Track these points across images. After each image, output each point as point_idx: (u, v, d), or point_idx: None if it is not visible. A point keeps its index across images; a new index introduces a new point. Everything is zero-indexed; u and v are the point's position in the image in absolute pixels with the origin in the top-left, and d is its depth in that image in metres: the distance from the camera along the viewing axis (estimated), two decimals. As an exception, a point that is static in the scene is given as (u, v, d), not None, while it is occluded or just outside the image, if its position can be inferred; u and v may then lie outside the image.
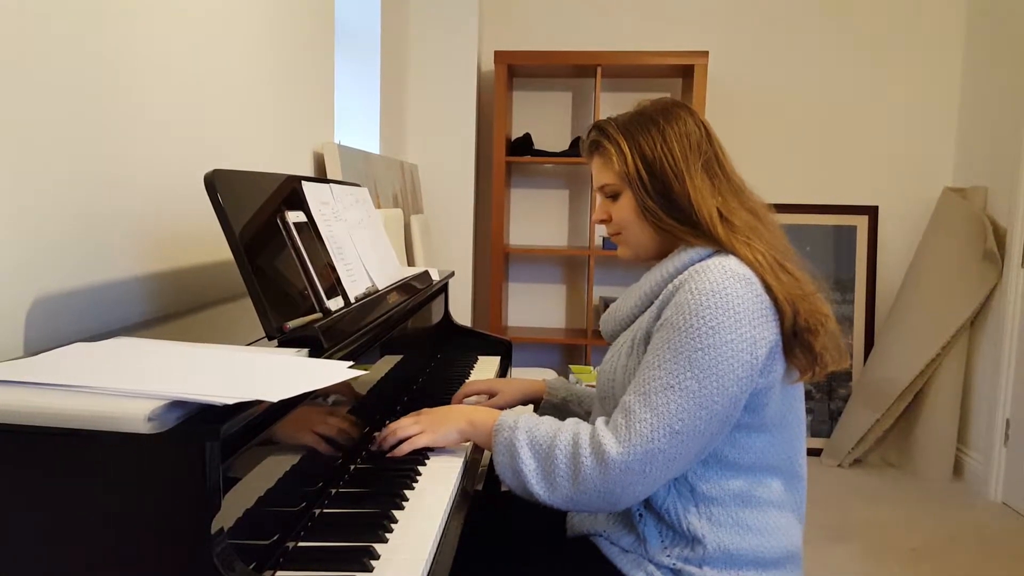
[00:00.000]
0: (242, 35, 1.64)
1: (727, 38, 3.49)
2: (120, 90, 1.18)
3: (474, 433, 1.21)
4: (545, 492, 1.10)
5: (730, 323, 1.04)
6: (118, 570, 0.70)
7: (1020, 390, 2.92)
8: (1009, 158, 3.00)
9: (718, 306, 1.05)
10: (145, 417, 0.66)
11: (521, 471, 1.11)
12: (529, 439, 1.12)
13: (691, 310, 1.06)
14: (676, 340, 1.06)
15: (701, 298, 1.06)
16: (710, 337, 1.04)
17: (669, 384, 1.05)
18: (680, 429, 1.04)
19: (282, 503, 0.89)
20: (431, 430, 1.21)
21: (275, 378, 0.78)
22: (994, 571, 2.43)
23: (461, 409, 1.26)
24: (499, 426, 1.15)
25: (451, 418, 1.23)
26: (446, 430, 1.21)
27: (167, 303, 1.28)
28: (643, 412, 1.05)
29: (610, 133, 1.21)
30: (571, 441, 1.09)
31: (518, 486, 1.13)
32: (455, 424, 1.21)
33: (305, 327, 1.01)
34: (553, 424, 1.14)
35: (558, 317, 3.79)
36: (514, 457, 1.12)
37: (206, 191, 0.99)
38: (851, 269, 3.48)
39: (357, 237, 1.43)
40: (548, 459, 1.10)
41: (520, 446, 1.12)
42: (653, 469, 1.05)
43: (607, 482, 1.06)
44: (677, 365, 1.05)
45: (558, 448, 1.09)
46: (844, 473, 3.26)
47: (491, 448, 1.16)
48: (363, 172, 2.36)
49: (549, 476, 1.09)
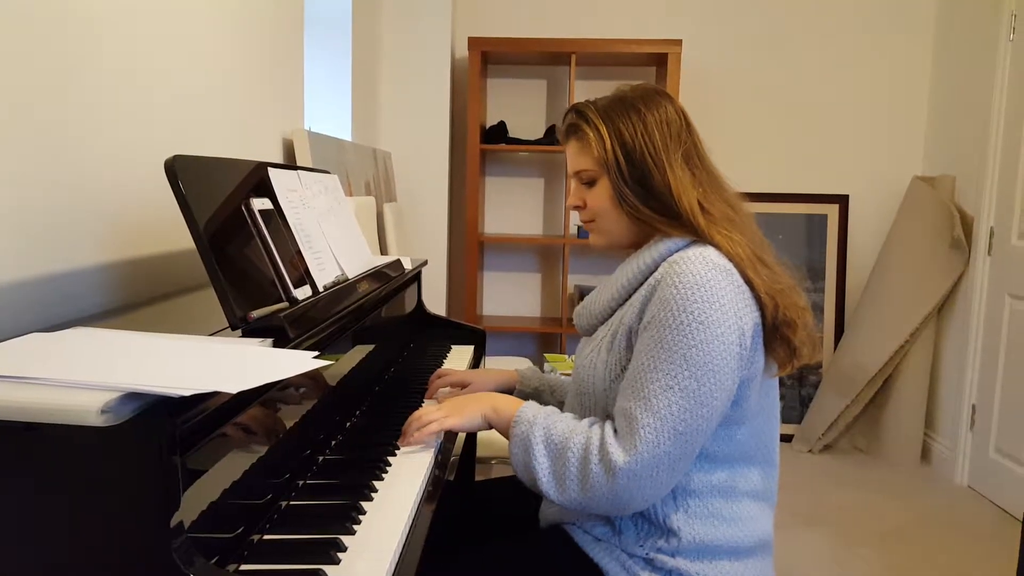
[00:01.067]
0: (207, 20, 1.60)
1: (700, 27, 3.50)
2: (81, 75, 1.14)
3: (497, 420, 1.20)
4: (555, 492, 1.09)
5: (718, 316, 1.04)
6: (73, 567, 0.68)
7: (986, 376, 2.97)
8: (976, 148, 3.04)
9: (704, 299, 1.04)
10: (98, 409, 0.64)
11: (533, 468, 1.10)
12: (545, 436, 1.11)
13: (678, 305, 1.04)
14: (667, 338, 1.04)
15: (686, 292, 1.04)
16: (701, 332, 1.03)
17: (668, 385, 1.03)
18: (684, 430, 1.03)
19: (247, 495, 0.88)
20: (457, 413, 1.21)
21: (236, 369, 0.76)
22: (960, 553, 2.48)
23: (487, 395, 1.27)
24: (518, 419, 1.14)
25: (476, 402, 1.23)
26: (471, 413, 1.21)
27: (130, 293, 1.25)
28: (645, 417, 1.04)
29: (589, 117, 1.19)
30: (583, 445, 1.08)
31: (529, 481, 1.12)
32: (480, 408, 1.21)
33: (270, 317, 0.99)
34: (569, 424, 1.13)
35: (533, 306, 3.79)
36: (528, 453, 1.11)
37: (167, 177, 0.96)
38: (822, 257, 3.51)
39: (326, 225, 1.41)
40: (560, 460, 1.09)
41: (535, 443, 1.11)
42: (660, 473, 1.04)
43: (615, 490, 1.05)
44: (673, 365, 1.04)
45: (571, 451, 1.08)
46: (814, 459, 3.30)
47: (508, 437, 1.16)
48: (334, 159, 2.33)
49: (559, 477, 1.09)
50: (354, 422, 1.32)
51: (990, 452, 2.92)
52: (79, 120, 1.15)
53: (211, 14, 1.62)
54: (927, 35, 3.46)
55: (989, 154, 2.96)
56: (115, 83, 1.25)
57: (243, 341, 0.95)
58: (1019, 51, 2.84)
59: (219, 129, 1.68)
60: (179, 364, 0.76)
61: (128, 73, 1.29)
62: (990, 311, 2.97)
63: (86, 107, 1.16)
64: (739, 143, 3.53)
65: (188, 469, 0.72)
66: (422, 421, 1.21)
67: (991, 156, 2.95)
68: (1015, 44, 2.86)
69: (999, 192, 2.94)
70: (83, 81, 1.16)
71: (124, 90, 1.28)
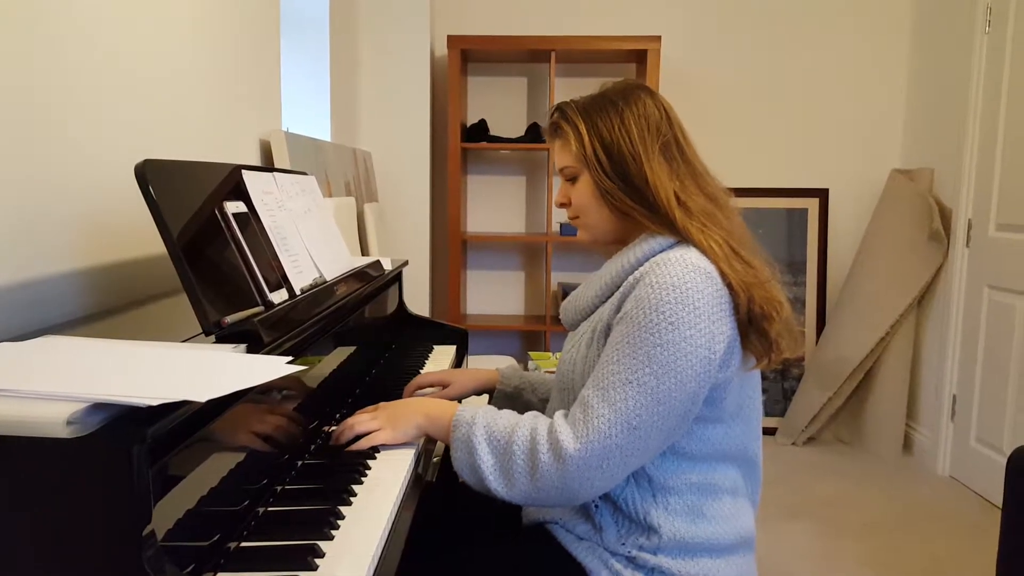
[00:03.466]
0: (180, 19, 1.58)
1: (679, 23, 3.51)
2: (49, 76, 1.12)
3: (432, 427, 1.18)
4: (503, 488, 1.09)
5: (690, 319, 1.04)
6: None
7: (965, 367, 3.00)
8: (954, 141, 3.07)
9: (678, 301, 1.04)
10: (65, 421, 0.63)
11: (479, 467, 1.09)
12: (487, 435, 1.10)
13: (651, 305, 1.05)
14: (635, 335, 1.05)
15: (661, 292, 1.05)
16: (669, 333, 1.03)
17: (627, 379, 1.04)
18: (638, 425, 1.04)
19: (223, 503, 0.87)
20: (390, 426, 1.18)
21: (207, 376, 0.75)
22: (942, 543, 2.50)
23: (419, 403, 1.24)
24: (457, 421, 1.13)
25: (408, 413, 1.20)
26: (404, 426, 1.19)
27: (102, 299, 1.23)
28: (601, 407, 1.04)
29: (569, 115, 1.20)
30: (529, 436, 1.08)
31: (476, 482, 1.11)
32: (412, 419, 1.19)
33: (244, 321, 0.98)
34: (511, 418, 1.12)
35: (517, 304, 3.78)
36: (472, 454, 1.10)
37: (137, 183, 0.95)
38: (803, 251, 3.53)
39: (303, 227, 1.39)
40: (505, 455, 1.08)
41: (478, 442, 1.10)
42: (610, 465, 1.04)
43: (564, 477, 1.05)
44: (636, 360, 1.04)
45: (515, 444, 1.08)
46: (798, 451, 3.32)
47: (449, 443, 1.14)
48: (313, 160, 2.31)
49: (507, 472, 1.08)
50: (334, 426, 1.30)
51: (971, 441, 2.95)
52: (48, 122, 1.13)
53: (184, 13, 1.60)
54: (904, 29, 3.48)
55: (966, 147, 2.99)
56: (85, 84, 1.23)
57: (216, 347, 0.94)
58: (995, 44, 2.87)
59: (194, 131, 1.66)
60: (149, 372, 0.75)
61: (99, 74, 1.27)
62: (969, 302, 3.00)
63: (55, 108, 1.15)
64: (719, 138, 3.54)
65: (160, 479, 0.71)
66: (354, 432, 1.17)
67: (968, 149, 2.98)
68: (991, 37, 2.89)
69: (977, 184, 2.97)
70: (51, 82, 1.14)
71: (94, 91, 1.26)
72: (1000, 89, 2.82)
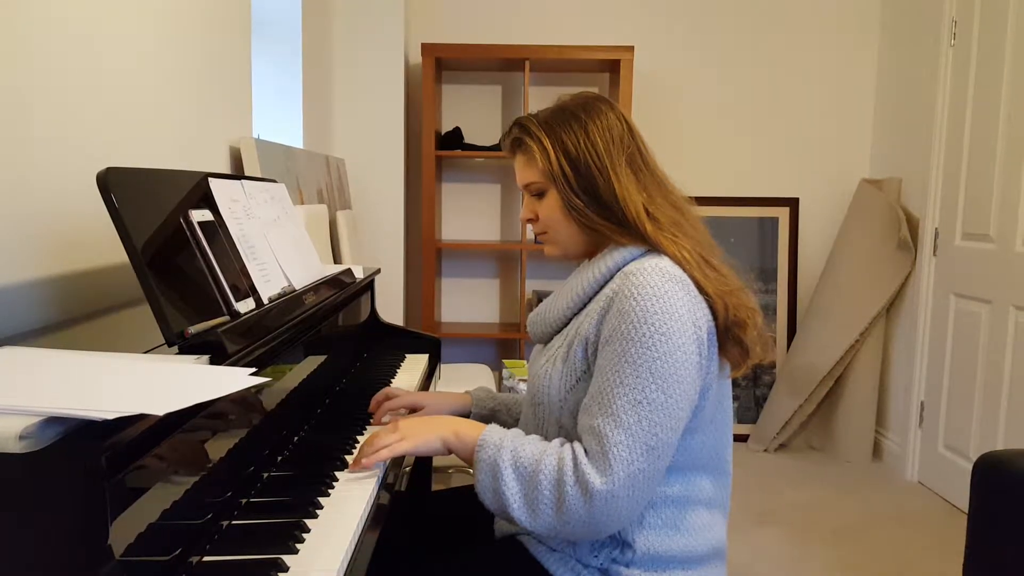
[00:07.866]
0: (147, 25, 1.56)
1: (652, 34, 3.53)
2: (8, 79, 1.10)
3: (459, 445, 1.14)
4: (527, 518, 1.06)
5: (678, 326, 1.04)
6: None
7: (933, 374, 3.05)
8: (921, 151, 3.13)
9: (664, 311, 1.03)
10: (17, 435, 0.61)
11: (503, 493, 1.06)
12: (513, 460, 1.07)
13: (638, 317, 1.04)
14: (631, 352, 1.03)
15: (644, 303, 1.04)
16: (664, 344, 1.02)
17: (636, 400, 1.02)
18: (655, 444, 1.02)
19: (185, 516, 0.85)
20: (412, 436, 1.15)
21: (166, 389, 0.74)
22: (911, 548, 2.53)
23: (448, 419, 1.21)
24: (483, 443, 1.10)
25: (434, 425, 1.17)
26: (428, 437, 1.15)
27: (63, 309, 1.20)
28: (616, 434, 1.02)
29: (532, 130, 1.18)
30: (556, 467, 1.04)
31: (498, 508, 1.08)
32: (439, 432, 1.15)
33: (208, 332, 0.97)
34: (538, 446, 1.09)
35: (491, 312, 3.77)
36: (497, 479, 1.07)
37: (99, 191, 0.93)
38: (774, 259, 3.57)
39: (272, 235, 1.38)
40: (532, 484, 1.05)
41: (504, 467, 1.07)
42: (636, 492, 1.03)
43: (592, 513, 1.02)
44: (639, 379, 1.02)
45: (543, 474, 1.04)
46: (770, 458, 3.35)
47: (472, 463, 1.11)
48: (284, 167, 2.29)
49: (532, 503, 1.05)
50: (302, 436, 1.29)
51: (939, 448, 3.00)
52: (9, 126, 1.10)
53: (151, 15, 1.58)
54: (872, 41, 3.54)
55: (933, 157, 3.04)
56: (46, 87, 1.20)
57: (179, 358, 0.92)
58: (960, 56, 2.92)
59: (160, 138, 1.64)
60: (108, 385, 0.73)
61: (64, 77, 1.25)
62: (936, 310, 3.05)
63: (17, 111, 1.12)
64: (691, 148, 3.57)
65: (117, 494, 0.69)
66: (375, 447, 1.14)
67: (935, 159, 3.04)
68: (956, 50, 2.95)
69: (943, 194, 3.02)
70: (13, 84, 1.12)
71: (59, 94, 1.23)
72: (965, 100, 2.88)
